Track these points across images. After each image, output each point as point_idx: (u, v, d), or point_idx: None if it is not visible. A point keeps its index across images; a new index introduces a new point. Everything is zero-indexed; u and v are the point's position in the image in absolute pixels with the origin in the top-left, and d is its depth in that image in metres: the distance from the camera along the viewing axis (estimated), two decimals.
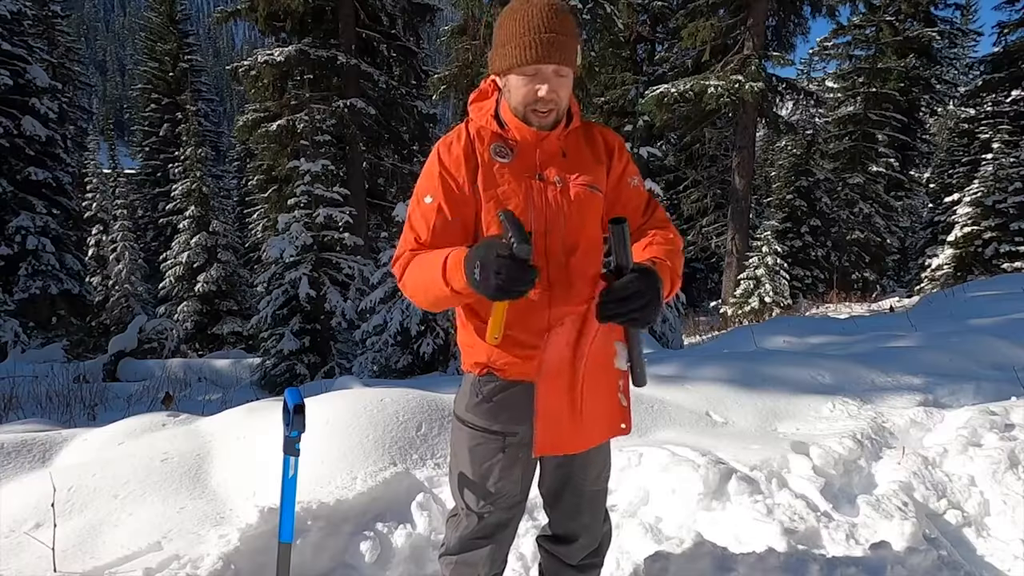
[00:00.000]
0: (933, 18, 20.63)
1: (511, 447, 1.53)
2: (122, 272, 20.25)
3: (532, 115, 1.47)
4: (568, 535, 1.76)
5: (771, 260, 14.31)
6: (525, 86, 1.44)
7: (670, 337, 10.27)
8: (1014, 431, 3.09)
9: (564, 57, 1.41)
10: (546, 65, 1.41)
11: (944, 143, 24.18)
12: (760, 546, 2.32)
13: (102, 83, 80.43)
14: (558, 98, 1.45)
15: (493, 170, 1.47)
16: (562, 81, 1.45)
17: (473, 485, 1.58)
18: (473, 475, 1.57)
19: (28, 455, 2.84)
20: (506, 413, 1.51)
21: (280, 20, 13.72)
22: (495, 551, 1.65)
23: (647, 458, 2.75)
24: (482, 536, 1.63)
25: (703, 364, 4.24)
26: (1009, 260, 14.57)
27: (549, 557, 1.84)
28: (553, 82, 1.43)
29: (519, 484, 1.59)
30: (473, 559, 1.64)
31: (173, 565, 2.12)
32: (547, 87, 1.42)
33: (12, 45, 13.16)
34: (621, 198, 1.60)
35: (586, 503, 1.69)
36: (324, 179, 10.36)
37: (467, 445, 1.56)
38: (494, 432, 1.53)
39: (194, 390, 7.77)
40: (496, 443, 1.53)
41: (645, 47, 19.03)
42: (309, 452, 2.73)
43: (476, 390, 1.53)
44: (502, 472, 1.55)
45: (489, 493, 1.56)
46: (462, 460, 1.59)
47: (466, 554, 1.65)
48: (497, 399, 1.52)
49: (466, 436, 1.56)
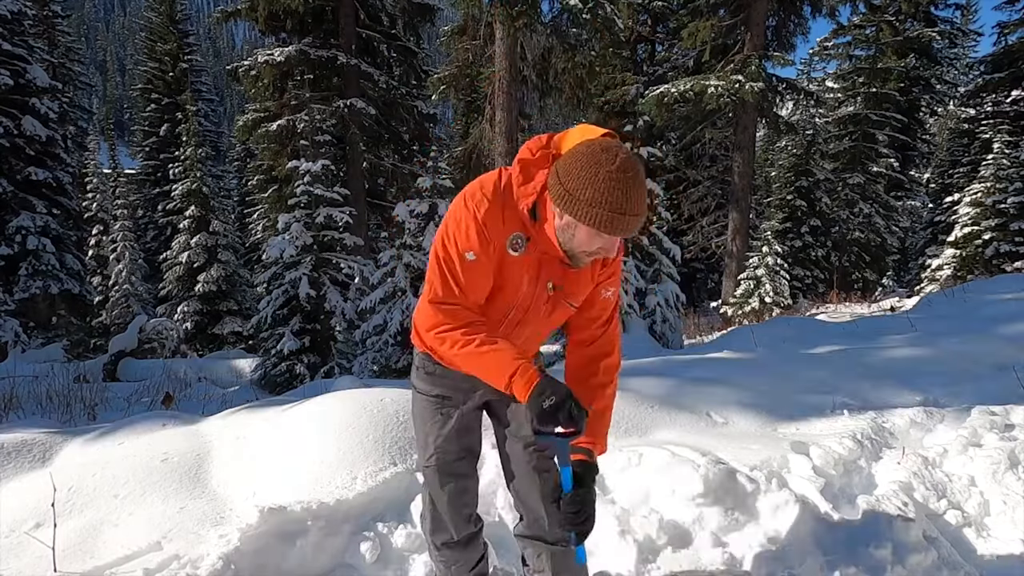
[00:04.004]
0: (933, 18, 20.63)
1: (446, 408, 1.83)
2: (122, 272, 20.25)
3: (579, 256, 1.53)
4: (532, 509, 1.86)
5: (771, 260, 14.31)
6: (590, 239, 1.46)
7: (670, 337, 10.27)
8: (1014, 431, 3.09)
9: (634, 232, 1.46)
10: (620, 236, 1.46)
11: (944, 143, 24.17)
12: (760, 546, 2.32)
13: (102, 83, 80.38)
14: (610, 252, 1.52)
15: (507, 258, 1.57)
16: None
17: (423, 438, 1.89)
18: (419, 430, 1.91)
19: (28, 455, 2.84)
20: (442, 383, 1.82)
21: (280, 20, 13.71)
22: (454, 499, 1.88)
23: (647, 458, 2.75)
24: (443, 482, 1.87)
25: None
26: (1009, 260, 14.56)
27: (528, 542, 1.89)
28: (616, 245, 1.50)
29: (454, 441, 1.85)
30: (440, 506, 1.90)
31: (173, 565, 2.12)
32: (609, 248, 1.49)
33: (12, 45, 13.13)
34: (588, 302, 1.72)
35: (532, 471, 1.82)
36: (324, 179, 10.36)
37: (418, 407, 1.90)
38: (434, 396, 1.84)
39: (194, 390, 7.75)
40: (435, 405, 1.84)
41: (645, 47, 19.04)
42: (309, 452, 2.73)
43: (421, 364, 1.84)
44: (439, 428, 1.84)
45: (431, 444, 1.86)
46: (415, 419, 1.93)
47: (434, 508, 1.92)
48: (437, 372, 1.81)
49: (417, 400, 1.90)
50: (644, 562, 2.31)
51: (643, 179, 1.42)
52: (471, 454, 1.92)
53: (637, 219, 1.42)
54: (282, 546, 2.25)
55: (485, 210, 1.52)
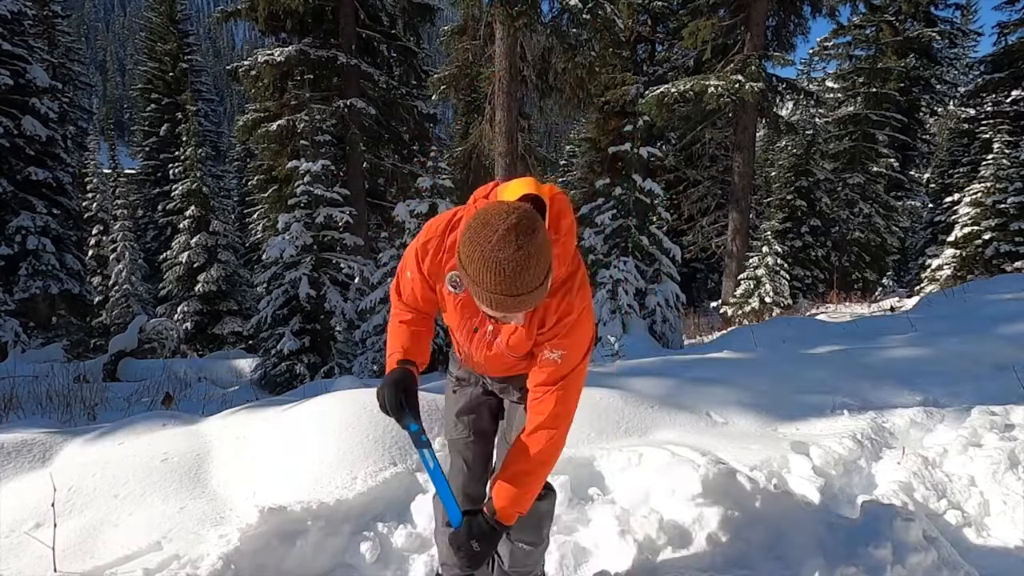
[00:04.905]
0: (933, 18, 20.63)
1: (461, 388, 2.03)
2: (122, 272, 20.26)
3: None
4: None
5: (771, 260, 14.31)
6: (486, 308, 1.43)
7: (670, 337, 10.28)
8: (1014, 431, 3.09)
9: (525, 310, 1.43)
10: (504, 315, 1.47)
11: (944, 143, 24.16)
12: (760, 546, 2.32)
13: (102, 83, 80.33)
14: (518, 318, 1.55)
15: (445, 291, 1.68)
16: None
17: (444, 416, 2.11)
18: (444, 406, 2.13)
19: (28, 455, 2.83)
20: (461, 365, 2.01)
21: (280, 20, 13.71)
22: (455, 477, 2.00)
23: (647, 458, 2.75)
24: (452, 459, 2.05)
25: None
26: (1009, 260, 14.56)
27: None
28: (515, 319, 1.54)
29: (463, 418, 2.01)
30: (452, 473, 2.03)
31: (173, 565, 2.12)
32: (509, 318, 1.53)
33: (12, 45, 13.13)
34: (536, 357, 1.66)
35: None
36: (324, 179, 10.36)
37: (447, 388, 2.11)
38: (455, 377, 2.05)
39: (194, 390, 7.76)
40: (454, 385, 2.06)
41: (645, 47, 19.03)
42: (309, 452, 2.73)
43: (452, 355, 2.06)
44: (453, 406, 2.04)
45: (447, 420, 2.08)
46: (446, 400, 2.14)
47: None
48: (454, 355, 2.03)
49: (447, 382, 2.11)
50: (644, 562, 2.31)
51: (530, 253, 1.30)
52: (480, 437, 2.00)
53: (518, 299, 1.33)
54: (282, 546, 2.25)
55: (430, 247, 1.65)
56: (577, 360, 1.63)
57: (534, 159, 13.08)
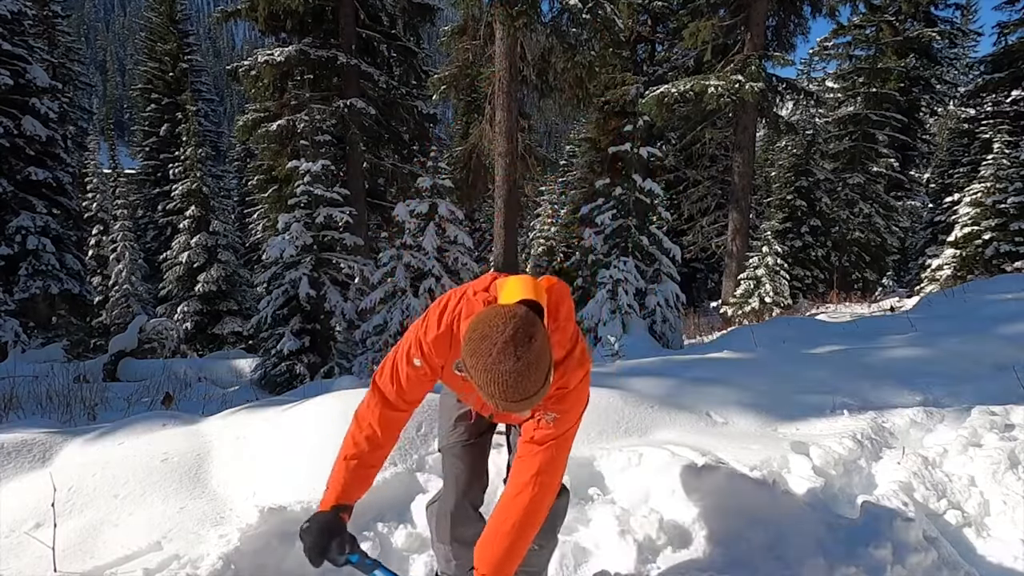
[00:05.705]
0: (933, 18, 20.63)
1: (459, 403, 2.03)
2: (122, 272, 20.26)
3: None
4: None
5: (771, 260, 14.31)
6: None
7: (670, 337, 10.28)
8: (1014, 431, 3.09)
9: (528, 410, 1.50)
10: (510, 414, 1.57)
11: (944, 143, 24.16)
12: (760, 546, 2.32)
13: (102, 83, 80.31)
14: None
15: (453, 372, 1.65)
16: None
17: (442, 421, 2.11)
18: (440, 412, 2.13)
19: (28, 455, 2.83)
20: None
21: (280, 20, 13.70)
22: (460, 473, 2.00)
23: (647, 458, 2.75)
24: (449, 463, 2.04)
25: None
26: (1009, 260, 14.56)
27: None
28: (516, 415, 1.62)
29: (461, 423, 2.02)
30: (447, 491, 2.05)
31: (173, 565, 2.12)
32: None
33: (12, 45, 13.13)
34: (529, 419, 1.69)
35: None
36: (324, 179, 10.36)
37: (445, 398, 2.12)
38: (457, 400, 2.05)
39: (194, 390, 7.76)
40: (452, 398, 2.05)
41: (645, 47, 19.02)
42: (309, 452, 2.73)
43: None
44: (455, 410, 2.04)
45: (444, 426, 2.07)
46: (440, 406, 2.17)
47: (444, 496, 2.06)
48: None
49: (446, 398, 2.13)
50: (644, 562, 2.31)
51: (529, 362, 1.35)
52: (479, 440, 2.02)
53: (520, 404, 1.40)
54: (282, 546, 2.25)
55: (433, 337, 1.67)
56: (571, 423, 1.69)
57: (534, 159, 13.08)
